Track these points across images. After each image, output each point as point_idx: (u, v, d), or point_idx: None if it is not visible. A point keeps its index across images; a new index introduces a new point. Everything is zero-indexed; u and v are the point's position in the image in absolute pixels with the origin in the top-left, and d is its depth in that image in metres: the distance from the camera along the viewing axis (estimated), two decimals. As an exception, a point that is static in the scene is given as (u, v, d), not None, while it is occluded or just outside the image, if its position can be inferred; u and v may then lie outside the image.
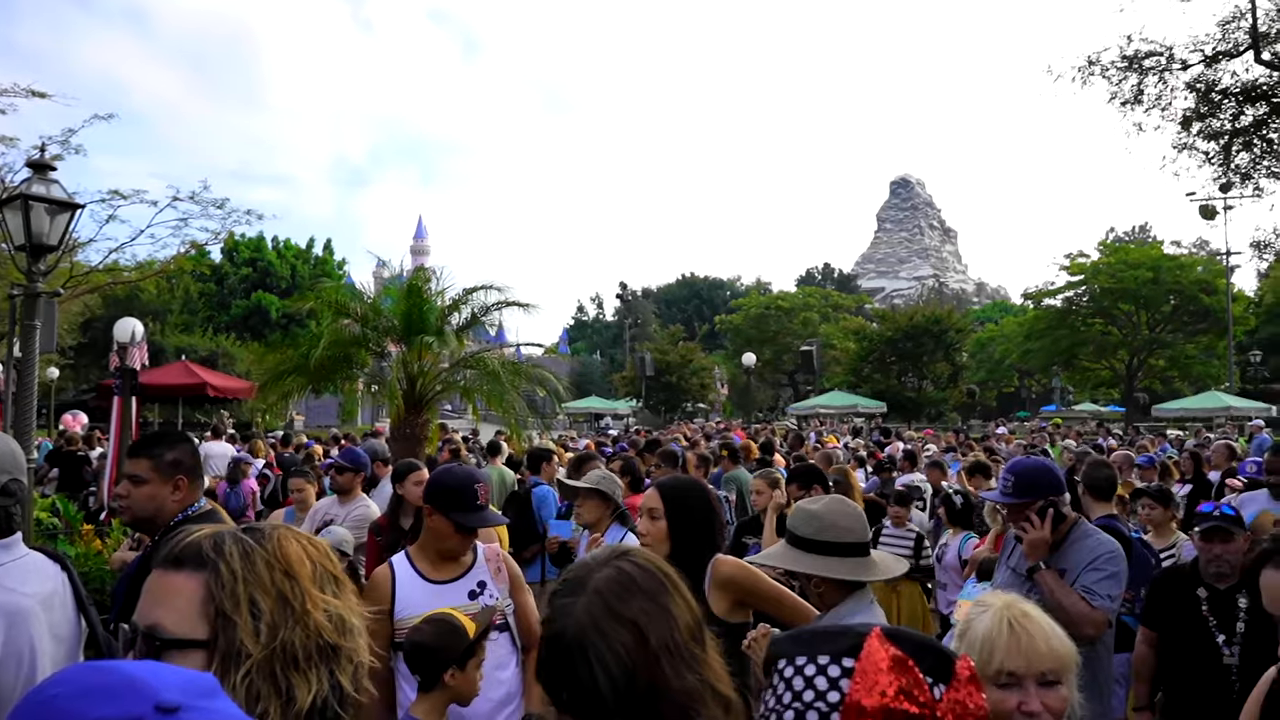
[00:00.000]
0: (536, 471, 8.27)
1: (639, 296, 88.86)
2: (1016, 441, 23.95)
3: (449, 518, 3.56)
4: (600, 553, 1.69)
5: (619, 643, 1.48)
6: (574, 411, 46.17)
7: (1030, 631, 2.06)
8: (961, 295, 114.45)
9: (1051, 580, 3.86)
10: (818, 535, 3.13)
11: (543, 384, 13.04)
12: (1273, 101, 10.93)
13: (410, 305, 11.73)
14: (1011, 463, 4.33)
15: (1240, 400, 35.55)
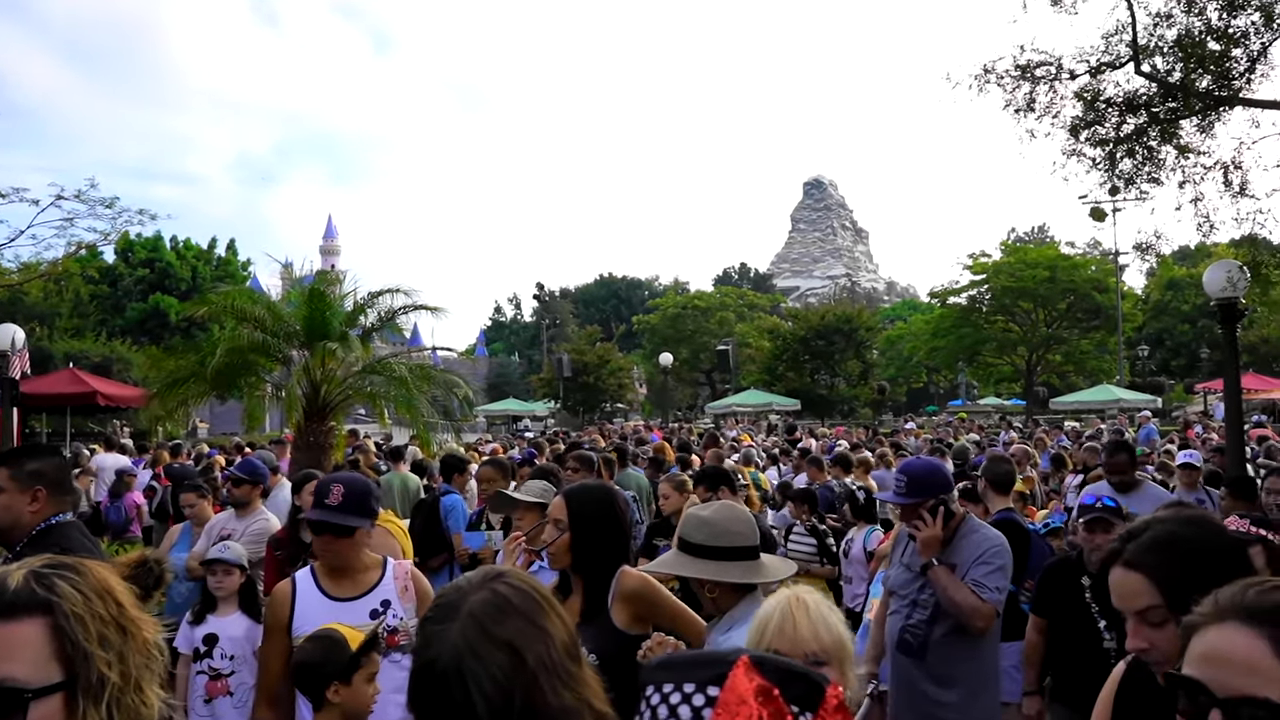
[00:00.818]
0: (449, 480, 8.17)
1: (556, 297, 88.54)
2: (924, 436, 24.59)
3: (307, 520, 3.49)
4: (473, 575, 1.68)
5: (496, 665, 1.48)
6: (491, 414, 45.81)
7: (798, 618, 2.18)
8: (873, 294, 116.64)
9: (944, 577, 4.01)
10: (710, 541, 3.17)
11: (452, 388, 12.89)
12: (1152, 111, 11.41)
13: (312, 310, 11.45)
14: (904, 464, 4.47)
15: (1130, 393, 37.10)
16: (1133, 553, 2.06)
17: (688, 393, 59.90)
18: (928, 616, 4.08)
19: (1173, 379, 50.52)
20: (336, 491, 3.45)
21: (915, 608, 4.13)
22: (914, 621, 4.09)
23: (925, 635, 4.05)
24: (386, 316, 12.48)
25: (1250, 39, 10.94)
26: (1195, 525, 2.18)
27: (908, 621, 4.13)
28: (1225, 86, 10.99)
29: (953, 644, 4.03)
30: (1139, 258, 13.37)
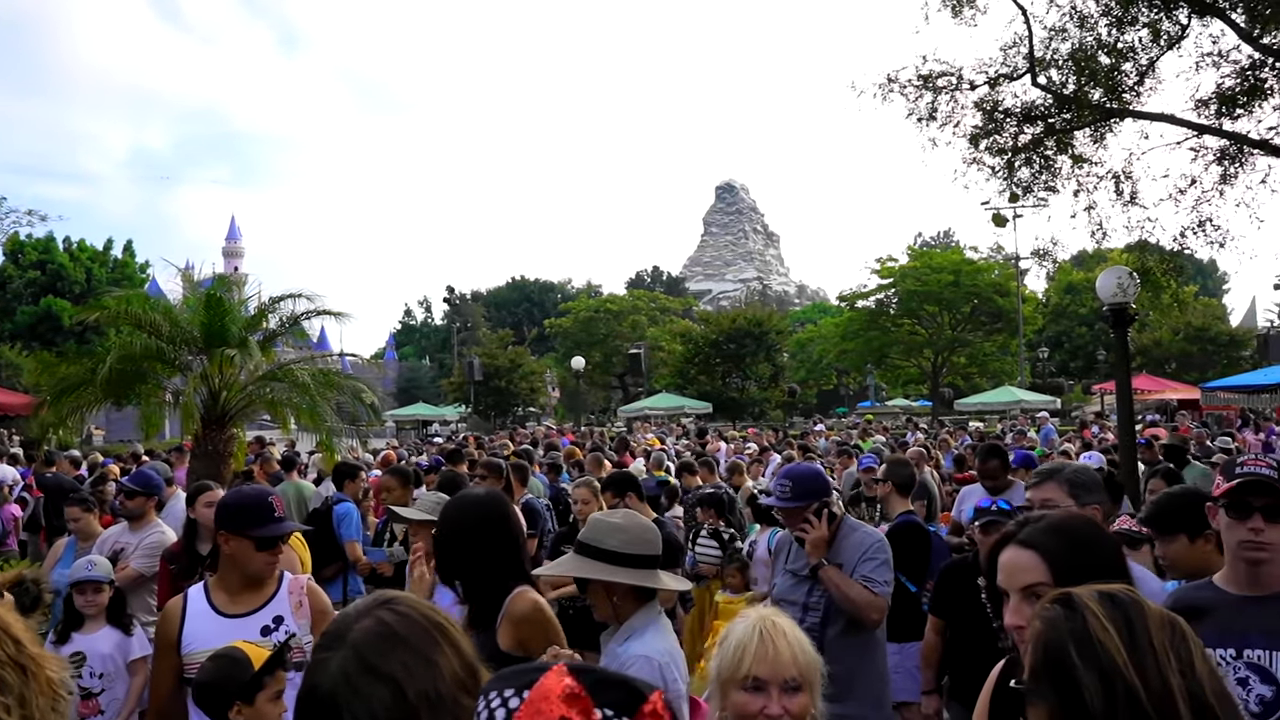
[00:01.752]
0: (341, 487, 7.99)
1: (468, 300, 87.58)
2: (833, 438, 25.03)
3: (248, 536, 3.39)
4: (363, 602, 1.63)
5: (375, 700, 1.44)
6: (401, 419, 45.09)
7: (778, 642, 2.18)
8: (784, 297, 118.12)
9: (835, 576, 4.08)
10: (622, 548, 3.15)
11: (358, 394, 12.60)
12: (1048, 122, 11.78)
13: (211, 315, 11.10)
14: (787, 469, 4.53)
15: (1030, 394, 38.33)
16: (1028, 533, 2.17)
17: (600, 396, 59.83)
18: (820, 618, 4.15)
19: (1071, 380, 52.31)
20: (279, 504, 3.54)
21: (807, 611, 4.19)
22: (808, 625, 4.11)
23: (820, 637, 4.06)
24: (289, 321, 12.16)
25: (1139, 54, 11.38)
26: (1085, 520, 2.35)
27: (802, 625, 4.14)
28: (1116, 99, 11.41)
29: (847, 643, 4.11)
30: (1037, 263, 13.80)
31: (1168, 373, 43.04)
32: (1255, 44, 10.19)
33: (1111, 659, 1.36)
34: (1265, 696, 2.62)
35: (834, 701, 4.19)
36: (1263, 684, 2.64)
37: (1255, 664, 2.66)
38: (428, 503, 5.23)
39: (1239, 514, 2.73)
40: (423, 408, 47.33)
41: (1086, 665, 1.38)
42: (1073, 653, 1.39)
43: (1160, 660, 1.36)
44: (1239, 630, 2.70)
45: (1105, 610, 1.43)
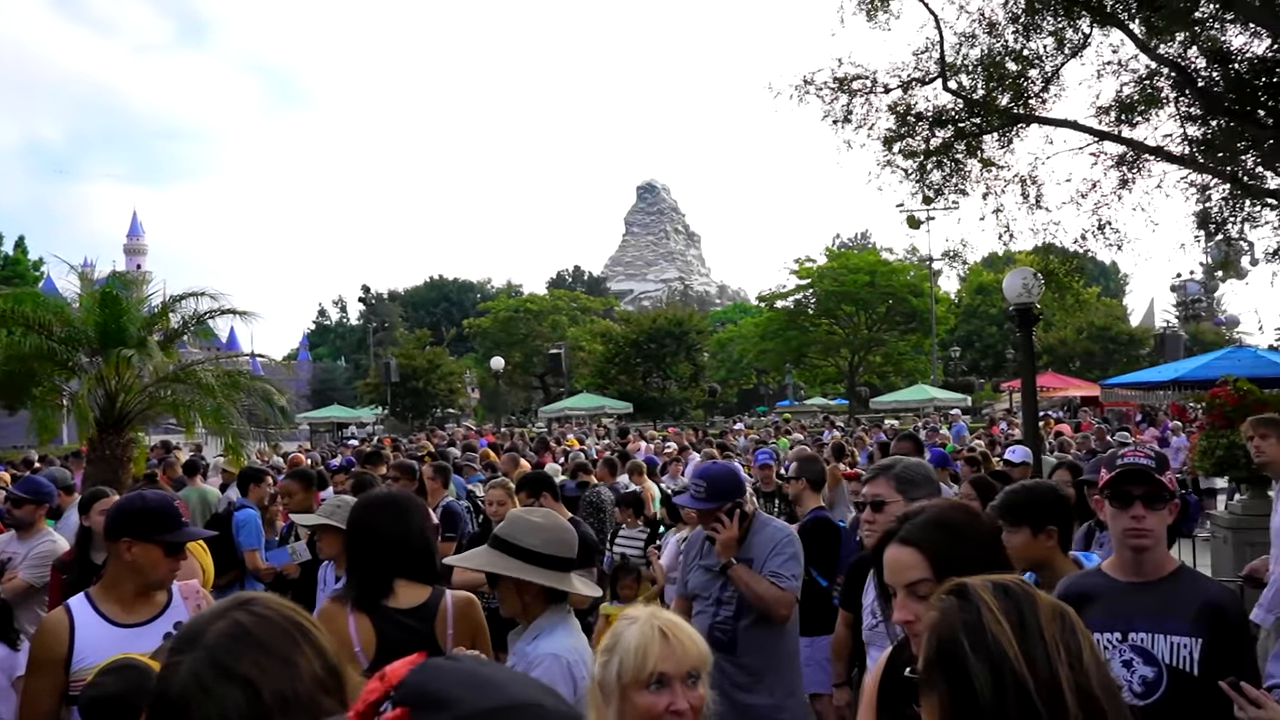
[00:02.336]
0: (245, 492, 7.75)
1: (384, 299, 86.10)
2: (752, 436, 25.31)
3: (157, 542, 3.25)
4: (219, 604, 1.59)
5: (227, 701, 1.42)
6: (315, 421, 44.19)
7: (679, 636, 2.18)
8: (705, 297, 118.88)
9: (745, 574, 4.14)
10: (541, 547, 3.14)
11: (267, 397, 12.24)
12: (958, 126, 12.02)
13: (107, 314, 10.65)
14: (701, 469, 4.57)
15: (943, 392, 39.27)
16: (908, 530, 2.21)
17: (521, 397, 59.46)
18: (733, 612, 4.22)
19: (982, 378, 53.68)
20: (184, 508, 3.49)
21: (720, 605, 4.26)
22: (721, 618, 4.22)
23: (734, 629, 4.19)
24: (192, 321, 11.74)
25: (1044, 61, 11.68)
26: (963, 511, 2.39)
27: (715, 619, 4.23)
28: (1023, 105, 11.69)
29: (758, 635, 4.21)
30: (948, 265, 14.13)
31: (1072, 371, 44.44)
32: (1151, 54, 10.53)
33: (1003, 651, 1.38)
34: (1148, 677, 2.76)
35: (747, 692, 4.28)
36: (1145, 665, 2.78)
37: (1139, 646, 2.80)
38: (330, 506, 5.14)
39: (1121, 503, 2.85)
40: (338, 410, 46.43)
41: (978, 656, 1.39)
42: (965, 644, 1.40)
43: (1050, 652, 1.38)
44: (1125, 615, 2.84)
45: (998, 602, 1.44)
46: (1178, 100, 10.79)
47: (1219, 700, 2.67)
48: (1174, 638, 2.77)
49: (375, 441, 24.17)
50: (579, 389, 47.23)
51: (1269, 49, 9.92)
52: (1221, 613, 2.80)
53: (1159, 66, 10.68)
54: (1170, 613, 2.80)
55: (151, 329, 11.29)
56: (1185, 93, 10.47)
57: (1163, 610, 2.81)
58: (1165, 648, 2.78)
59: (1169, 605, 2.82)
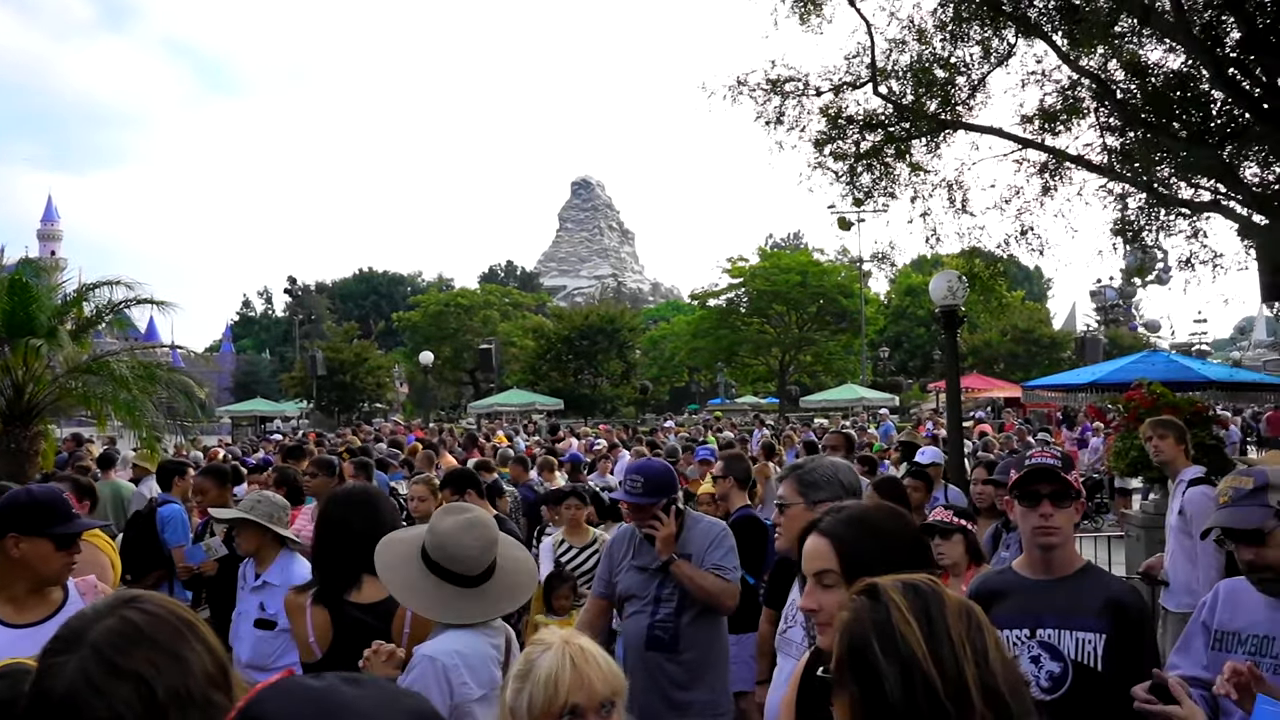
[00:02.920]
0: (167, 488, 7.50)
1: (312, 291, 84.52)
2: (682, 434, 25.39)
3: (48, 535, 3.11)
4: (103, 601, 1.56)
5: (119, 699, 1.39)
6: (238, 415, 43.25)
7: (591, 665, 2.12)
8: (638, 294, 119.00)
9: (688, 569, 4.12)
10: (448, 562, 3.10)
11: (183, 389, 11.87)
12: (888, 130, 12.17)
13: (14, 302, 10.24)
14: (637, 465, 4.51)
15: (872, 392, 39.89)
16: (827, 522, 2.29)
17: (451, 392, 58.86)
18: (674, 609, 4.18)
19: (910, 379, 54.60)
20: (73, 499, 3.51)
21: (659, 604, 4.21)
22: (661, 617, 4.18)
23: (675, 627, 4.15)
24: (107, 310, 11.35)
25: (971, 69, 11.88)
26: (887, 512, 2.45)
27: (655, 619, 4.19)
28: (950, 111, 11.87)
29: (699, 631, 4.20)
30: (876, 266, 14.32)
31: (996, 372, 45.39)
32: (1073, 65, 10.78)
33: (911, 651, 1.40)
34: (1054, 672, 2.84)
35: (686, 689, 4.26)
36: (1052, 661, 2.86)
37: (1046, 642, 2.88)
38: (250, 501, 5.06)
39: (1029, 502, 2.93)
40: (261, 403, 45.46)
41: (887, 657, 1.41)
42: (875, 644, 1.42)
43: (957, 651, 1.40)
44: (1033, 611, 2.91)
45: (908, 601, 1.46)
46: (1098, 111, 11.07)
47: (1122, 694, 2.74)
48: (1080, 633, 2.85)
49: (300, 436, 23.72)
50: (509, 385, 46.89)
51: (1184, 64, 10.23)
52: (1124, 608, 2.89)
53: (1080, 78, 10.93)
54: (1077, 609, 2.88)
55: (63, 318, 10.89)
56: (1105, 104, 10.74)
57: (1070, 606, 2.89)
58: (1071, 643, 2.85)
59: (1075, 601, 2.90)
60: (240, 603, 4.95)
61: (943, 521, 4.54)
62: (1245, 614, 2.94)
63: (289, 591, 3.91)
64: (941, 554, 4.58)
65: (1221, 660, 2.87)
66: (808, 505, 3.21)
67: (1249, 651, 2.89)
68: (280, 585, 4.78)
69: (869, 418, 31.72)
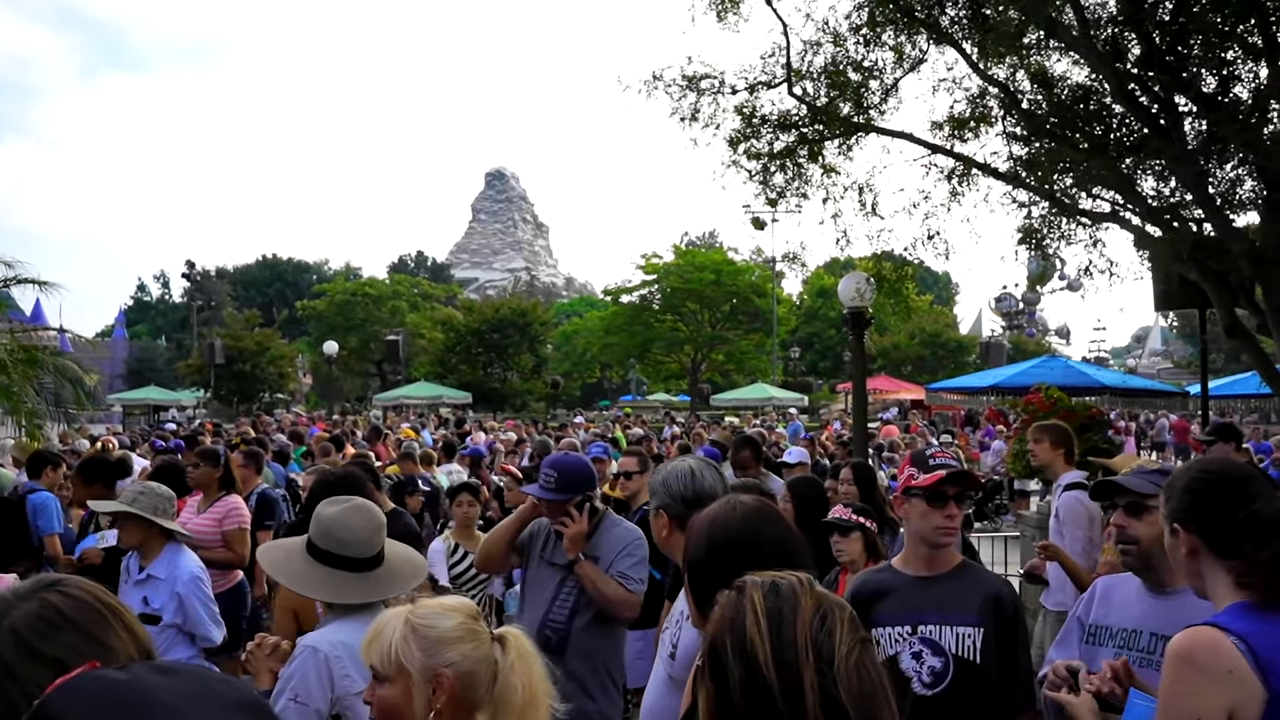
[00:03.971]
0: (36, 475, 7.14)
1: (212, 277, 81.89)
2: (593, 430, 25.36)
3: None
4: (23, 585, 1.51)
5: (38, 684, 1.27)
6: (130, 403, 41.68)
7: (379, 635, 2.16)
8: (552, 289, 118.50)
9: (591, 571, 4.01)
10: (327, 546, 3.08)
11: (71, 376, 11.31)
12: (801, 131, 12.23)
13: (-122, 281, 9.67)
14: (552, 459, 4.40)
15: (782, 391, 40.36)
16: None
17: (356, 383, 57.74)
18: (568, 612, 4.07)
19: (820, 379, 55.44)
20: None
21: (554, 604, 4.10)
22: (554, 617, 4.07)
23: (566, 630, 4.03)
24: (-23, 290, 10.74)
25: (884, 73, 12.01)
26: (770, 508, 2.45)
27: (547, 618, 4.08)
28: (863, 114, 11.99)
29: (590, 637, 4.07)
30: (788, 267, 14.40)
31: (904, 375, 46.45)
32: (982, 74, 10.97)
33: (756, 653, 1.39)
34: (936, 667, 2.91)
35: (567, 699, 4.15)
36: (934, 656, 2.93)
37: (928, 638, 2.95)
38: (132, 494, 4.91)
39: (937, 502, 2.99)
40: (155, 391, 43.73)
41: (735, 657, 1.41)
42: (728, 644, 1.43)
43: (799, 656, 1.39)
44: (915, 608, 2.99)
45: (765, 602, 1.45)
46: (1005, 120, 11.28)
47: (1000, 686, 2.91)
48: (959, 628, 2.94)
49: (196, 426, 23.00)
50: (417, 377, 46.21)
51: (1088, 77, 10.48)
52: (1001, 603, 3.01)
53: (989, 86, 11.13)
54: (956, 604, 2.98)
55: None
56: (1012, 113, 10.95)
57: (950, 602, 2.98)
58: (952, 638, 2.94)
59: (955, 597, 2.99)
60: (122, 596, 4.75)
61: (841, 519, 4.55)
62: (1118, 609, 3.03)
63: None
64: (840, 550, 4.57)
65: (1094, 654, 3.03)
66: (653, 512, 3.22)
67: (1118, 645, 2.99)
68: (165, 579, 4.70)
69: (778, 417, 32.08)
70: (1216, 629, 1.99)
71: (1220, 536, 2.12)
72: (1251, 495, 2.13)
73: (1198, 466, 2.37)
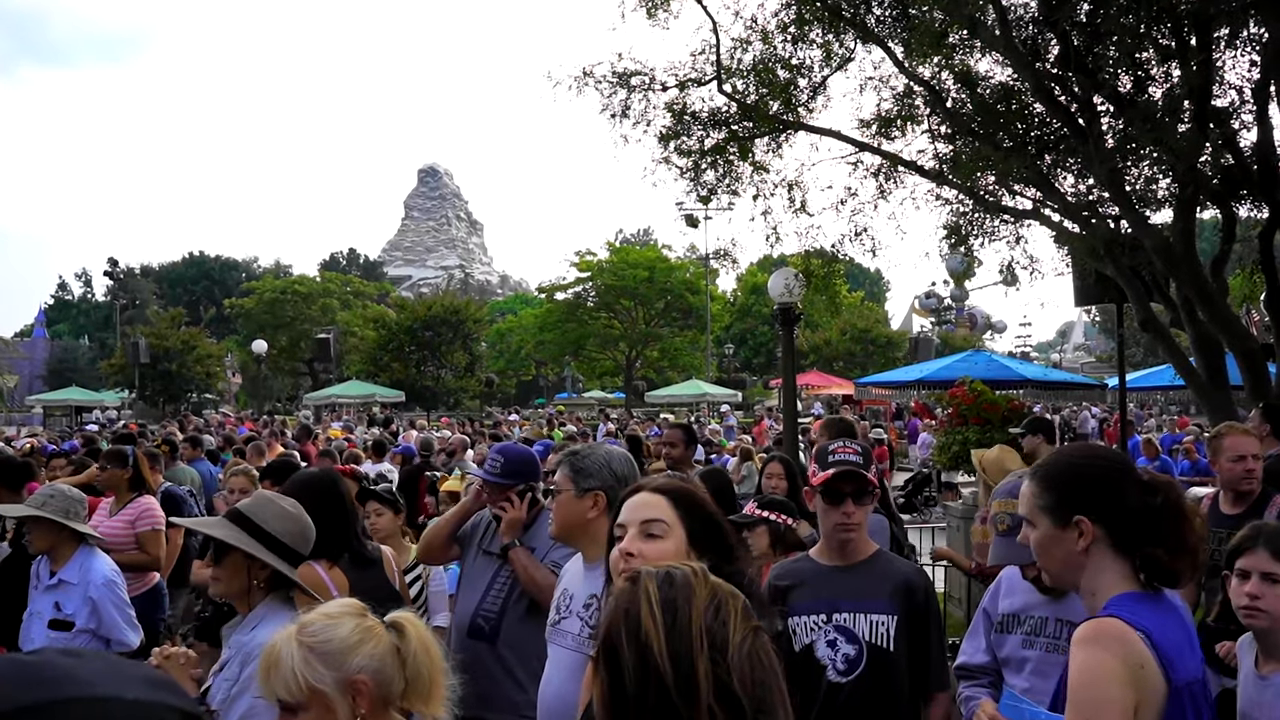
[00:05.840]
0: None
1: (136, 275, 79.74)
2: (526, 427, 25.26)
3: None
4: None
5: None
6: (51, 404, 40.47)
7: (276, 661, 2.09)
8: (486, 286, 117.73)
9: (525, 558, 3.98)
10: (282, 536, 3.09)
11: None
12: (731, 129, 12.30)
13: None
14: (500, 446, 4.44)
15: (716, 388, 40.62)
16: (660, 483, 2.35)
17: (287, 383, 56.72)
18: (501, 601, 4.06)
19: (754, 375, 55.88)
20: None
21: (488, 593, 4.09)
22: (487, 605, 4.06)
23: (498, 619, 4.02)
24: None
25: (813, 72, 12.12)
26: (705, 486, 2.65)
27: (480, 605, 4.07)
28: (792, 112, 12.09)
29: (523, 626, 4.04)
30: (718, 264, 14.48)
31: (835, 370, 46.99)
32: (908, 73, 11.13)
33: (649, 641, 1.40)
34: (850, 655, 2.97)
35: (498, 682, 4.10)
36: (848, 644, 2.99)
37: (842, 626, 3.01)
38: (41, 496, 4.73)
39: (833, 500, 3.05)
40: (77, 392, 42.46)
41: (630, 647, 1.41)
42: (622, 634, 1.43)
43: (693, 645, 1.39)
44: (829, 596, 3.05)
45: (659, 592, 1.45)
46: (930, 118, 11.47)
47: (912, 672, 2.99)
48: (873, 615, 3.01)
49: (121, 426, 22.44)
50: (349, 376, 45.56)
51: (1010, 77, 10.71)
52: (913, 590, 3.08)
53: (915, 85, 11.30)
54: (869, 592, 3.04)
55: None
56: (937, 112, 11.13)
57: (863, 590, 3.04)
58: (865, 626, 3.00)
59: (868, 585, 3.06)
60: (33, 603, 4.69)
61: (745, 515, 4.60)
62: (1023, 597, 3.11)
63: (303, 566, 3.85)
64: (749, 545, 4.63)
65: (1003, 642, 3.13)
66: (577, 493, 3.21)
67: (1026, 632, 3.08)
68: (78, 584, 4.58)
69: (712, 413, 32.26)
70: (1121, 621, 1.95)
71: (1122, 528, 2.05)
72: (1141, 485, 2.08)
73: (1081, 454, 2.29)
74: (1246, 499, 4.52)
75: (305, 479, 4.32)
